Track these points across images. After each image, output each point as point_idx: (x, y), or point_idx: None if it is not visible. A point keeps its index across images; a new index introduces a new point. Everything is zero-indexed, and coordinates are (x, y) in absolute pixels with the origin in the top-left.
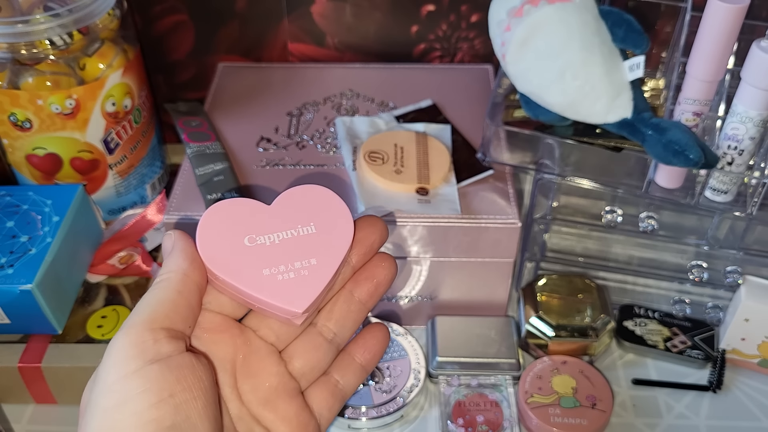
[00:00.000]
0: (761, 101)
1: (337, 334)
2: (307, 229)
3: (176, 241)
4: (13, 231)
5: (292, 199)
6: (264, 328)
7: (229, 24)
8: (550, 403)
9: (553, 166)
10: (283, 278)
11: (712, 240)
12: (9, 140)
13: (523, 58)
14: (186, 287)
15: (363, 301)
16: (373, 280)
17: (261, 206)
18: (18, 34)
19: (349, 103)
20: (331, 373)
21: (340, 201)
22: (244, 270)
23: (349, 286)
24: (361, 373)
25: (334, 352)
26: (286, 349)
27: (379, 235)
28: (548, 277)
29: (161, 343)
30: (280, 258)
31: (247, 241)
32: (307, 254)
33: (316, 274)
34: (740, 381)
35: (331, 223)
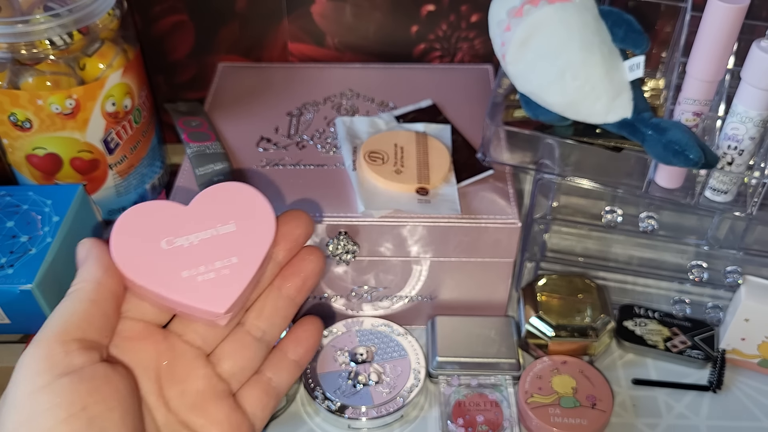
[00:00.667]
0: (761, 101)
1: (266, 331)
2: (227, 227)
3: (90, 249)
4: (13, 231)
5: (210, 198)
6: (189, 332)
7: (229, 24)
8: (550, 403)
9: (553, 166)
10: (204, 279)
11: (712, 240)
12: (9, 140)
13: (523, 58)
14: (100, 296)
15: (291, 296)
16: (300, 274)
17: (178, 207)
18: (18, 34)
19: (349, 103)
20: (264, 372)
21: (261, 197)
22: (162, 274)
23: (277, 283)
24: (295, 369)
25: (264, 350)
26: (214, 351)
27: (304, 229)
28: (548, 277)
29: (73, 355)
30: (199, 259)
31: (164, 244)
32: (227, 253)
33: (238, 273)
34: (740, 381)
35: (251, 220)
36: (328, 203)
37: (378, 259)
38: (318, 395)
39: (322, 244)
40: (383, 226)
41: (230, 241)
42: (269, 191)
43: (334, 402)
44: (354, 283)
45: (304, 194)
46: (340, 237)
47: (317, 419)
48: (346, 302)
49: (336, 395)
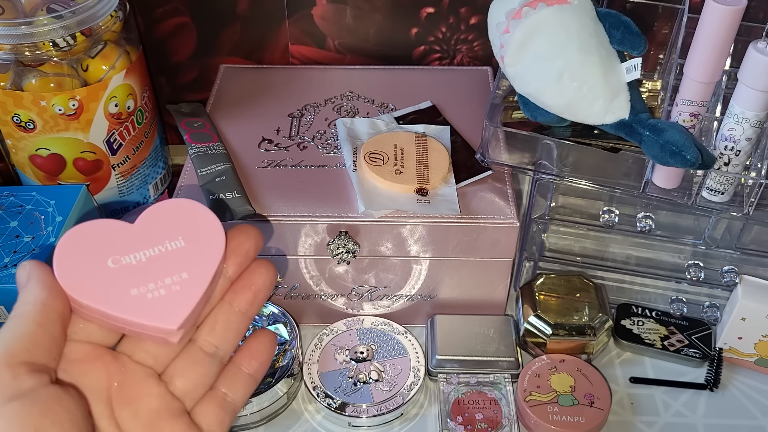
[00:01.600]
0: (758, 102)
1: (219, 347)
2: (176, 243)
3: (31, 271)
4: (17, 231)
5: (156, 215)
6: (140, 352)
7: (231, 26)
8: (548, 401)
9: (551, 166)
10: (154, 296)
11: (709, 240)
12: (12, 141)
13: (521, 60)
14: (46, 318)
15: (243, 310)
16: (251, 287)
17: (123, 225)
18: (21, 36)
19: (349, 104)
20: (218, 387)
21: (209, 212)
22: (110, 293)
23: (228, 297)
24: (250, 382)
25: (217, 365)
26: (166, 370)
27: (253, 242)
28: (546, 277)
29: (21, 379)
30: (148, 276)
31: (111, 263)
32: (177, 269)
33: (189, 288)
34: (737, 379)
35: (200, 236)
36: (329, 203)
37: (378, 258)
38: (318, 393)
39: (322, 244)
40: (383, 226)
41: (179, 257)
42: (270, 191)
43: (335, 400)
44: (354, 283)
45: (304, 194)
46: (341, 237)
47: (318, 417)
48: (346, 301)
49: (336, 393)
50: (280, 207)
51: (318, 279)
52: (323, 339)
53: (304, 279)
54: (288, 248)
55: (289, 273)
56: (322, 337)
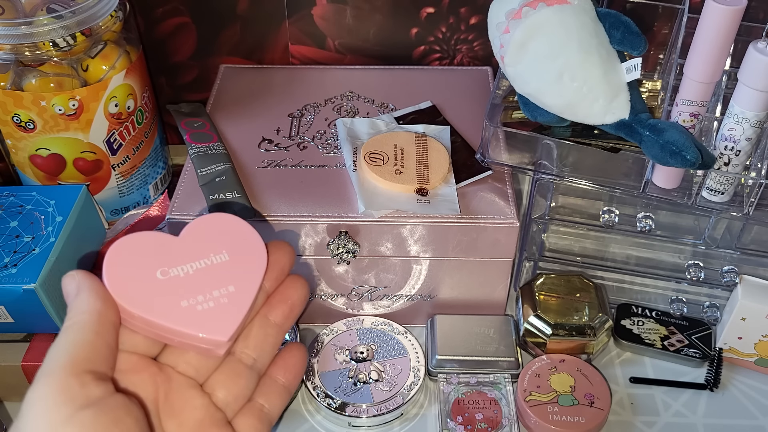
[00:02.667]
0: (758, 102)
1: (257, 359)
2: (221, 257)
3: (81, 281)
4: (17, 231)
5: (200, 229)
6: (182, 363)
7: (231, 26)
8: (548, 401)
9: (551, 166)
10: (203, 308)
11: (709, 240)
12: (13, 141)
13: (521, 60)
14: (103, 327)
15: (279, 323)
16: (287, 302)
17: (169, 238)
18: (21, 36)
19: (349, 104)
20: (256, 399)
21: (250, 227)
22: (161, 304)
23: (264, 311)
24: (285, 394)
25: (255, 377)
26: (208, 381)
27: (288, 258)
28: (546, 277)
29: (89, 387)
30: (196, 288)
31: (159, 275)
32: (224, 282)
33: (236, 301)
34: (737, 379)
35: (243, 250)
36: (329, 203)
37: (378, 258)
38: (319, 393)
39: (322, 244)
40: (383, 226)
41: (225, 271)
42: (270, 191)
43: (335, 400)
44: (354, 283)
45: (305, 194)
46: (341, 237)
47: (318, 417)
48: (346, 301)
49: (336, 393)
50: (280, 207)
51: (318, 279)
52: (323, 339)
53: None
54: None
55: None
56: (322, 337)
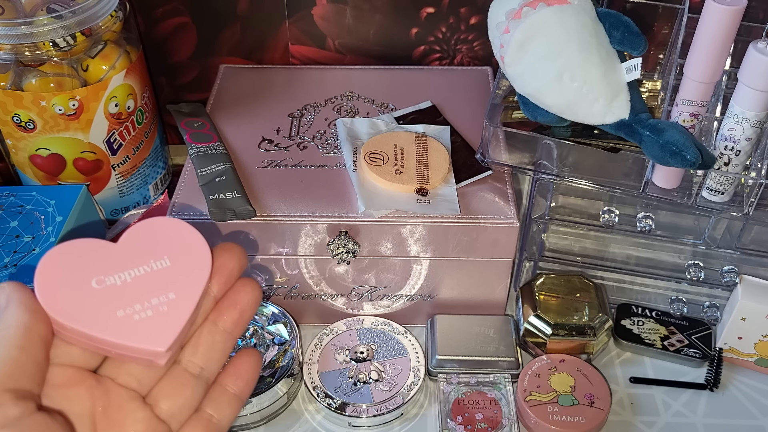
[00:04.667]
0: (758, 102)
1: (204, 368)
2: (161, 263)
3: (11, 293)
4: (17, 231)
5: (140, 233)
6: (123, 375)
7: (231, 26)
8: (548, 401)
9: (551, 166)
10: (140, 317)
11: (709, 240)
12: (13, 141)
13: (521, 60)
14: (29, 342)
15: (228, 330)
16: (236, 307)
17: (106, 245)
18: (21, 36)
19: (349, 104)
20: (204, 409)
21: (194, 230)
22: (96, 315)
23: (212, 317)
24: (236, 403)
25: (203, 386)
26: (151, 392)
27: (237, 261)
28: (546, 277)
29: (7, 407)
30: (134, 296)
31: (95, 283)
32: (163, 289)
33: (177, 309)
34: (737, 379)
35: (186, 255)
36: (329, 203)
37: (378, 258)
38: (318, 393)
39: (322, 244)
40: (383, 226)
41: (165, 277)
42: (270, 191)
43: (335, 400)
44: (354, 283)
45: (305, 194)
46: (341, 237)
47: (318, 417)
48: (346, 301)
49: (336, 393)
50: (280, 207)
51: (318, 279)
52: (323, 339)
53: (304, 279)
54: (288, 248)
55: (289, 273)
56: (322, 337)
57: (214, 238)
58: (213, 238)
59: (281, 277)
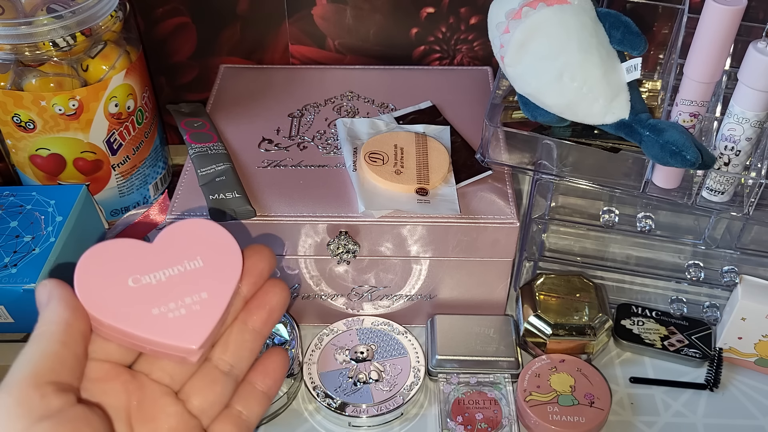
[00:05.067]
0: (758, 102)
1: (234, 365)
2: (194, 263)
3: (52, 290)
4: (17, 231)
5: (174, 234)
6: (157, 371)
7: (231, 26)
8: (548, 401)
9: (551, 166)
10: (174, 315)
11: (709, 240)
12: (13, 141)
13: (521, 60)
14: (70, 337)
15: (257, 329)
16: (265, 307)
17: (142, 245)
18: (21, 36)
19: (349, 104)
20: (233, 405)
21: (225, 232)
22: (132, 312)
23: (242, 316)
24: (264, 400)
25: (232, 384)
26: (183, 388)
27: (267, 263)
28: (546, 277)
29: (49, 398)
30: (168, 295)
31: (131, 282)
32: (196, 289)
33: (209, 308)
34: (737, 379)
35: (218, 255)
36: (329, 203)
37: (378, 258)
38: (319, 393)
39: (322, 244)
40: (383, 226)
41: (198, 277)
42: (270, 191)
43: (335, 400)
44: (354, 283)
45: (305, 194)
46: (341, 237)
47: (318, 417)
48: (346, 301)
49: (336, 393)
50: (280, 207)
51: (318, 279)
52: (323, 339)
53: (304, 279)
54: (288, 248)
55: (289, 273)
56: (322, 337)
57: (241, 239)
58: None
59: (281, 277)
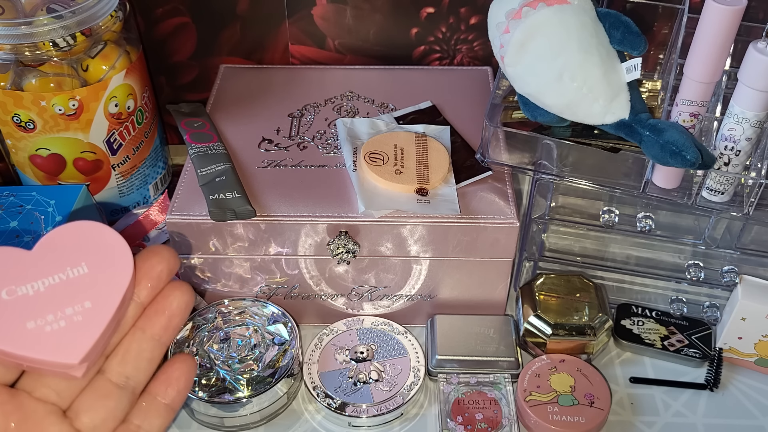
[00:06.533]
0: (758, 102)
1: (130, 377)
2: (78, 270)
3: None
4: (17, 231)
5: (57, 239)
6: (41, 388)
7: (231, 26)
8: (548, 401)
9: (551, 166)
10: (52, 329)
11: (709, 240)
12: (13, 141)
13: (521, 60)
14: None
15: (157, 336)
16: (164, 312)
17: (20, 252)
18: (21, 36)
19: (349, 104)
20: (131, 420)
21: (115, 234)
22: (4, 327)
23: (140, 324)
24: (166, 413)
25: (128, 397)
26: (72, 405)
27: (166, 265)
28: (546, 277)
29: None
30: (47, 307)
31: (5, 294)
32: (79, 298)
33: (92, 318)
34: (737, 379)
35: (105, 260)
36: (329, 203)
37: (378, 258)
38: (319, 393)
39: (322, 244)
40: (383, 226)
41: (82, 285)
42: (270, 191)
43: (335, 400)
44: (354, 283)
45: (305, 194)
46: (341, 237)
47: (318, 417)
48: (346, 301)
49: (336, 393)
50: (280, 207)
51: (318, 279)
52: (323, 339)
53: (304, 279)
54: (288, 248)
55: (289, 273)
56: (322, 337)
57: (207, 237)
58: (206, 236)
59: (281, 277)
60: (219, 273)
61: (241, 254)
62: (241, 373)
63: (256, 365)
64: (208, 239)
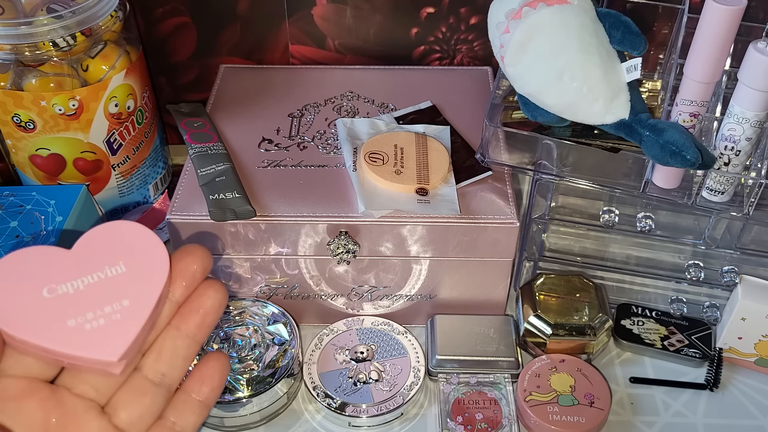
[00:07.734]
0: (758, 102)
1: (166, 374)
2: (116, 269)
3: None
4: (17, 231)
5: (96, 239)
6: (80, 384)
7: (231, 26)
8: (548, 401)
9: (551, 166)
10: (92, 326)
11: (709, 240)
12: (13, 141)
13: (521, 60)
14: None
15: (191, 335)
16: (199, 311)
17: (60, 252)
18: (21, 36)
19: (349, 104)
20: (167, 417)
21: (151, 234)
22: (46, 325)
23: (175, 322)
24: (201, 410)
25: (164, 394)
26: (110, 401)
27: (200, 264)
28: (546, 277)
29: None
30: (86, 305)
31: (46, 293)
32: (117, 296)
33: (130, 316)
34: (737, 379)
35: (142, 260)
36: (329, 203)
37: (378, 258)
38: (319, 393)
39: (322, 244)
40: (383, 226)
41: (120, 284)
42: (270, 191)
43: (335, 400)
44: (354, 283)
45: (305, 194)
46: (341, 237)
47: (318, 417)
48: (346, 301)
49: (336, 393)
50: (280, 207)
51: (318, 279)
52: (323, 339)
53: (304, 279)
54: (288, 248)
55: (289, 273)
56: (322, 337)
57: (214, 239)
58: (214, 238)
59: (281, 277)
60: (219, 273)
61: (241, 254)
62: (241, 373)
63: (256, 365)
64: (208, 239)
